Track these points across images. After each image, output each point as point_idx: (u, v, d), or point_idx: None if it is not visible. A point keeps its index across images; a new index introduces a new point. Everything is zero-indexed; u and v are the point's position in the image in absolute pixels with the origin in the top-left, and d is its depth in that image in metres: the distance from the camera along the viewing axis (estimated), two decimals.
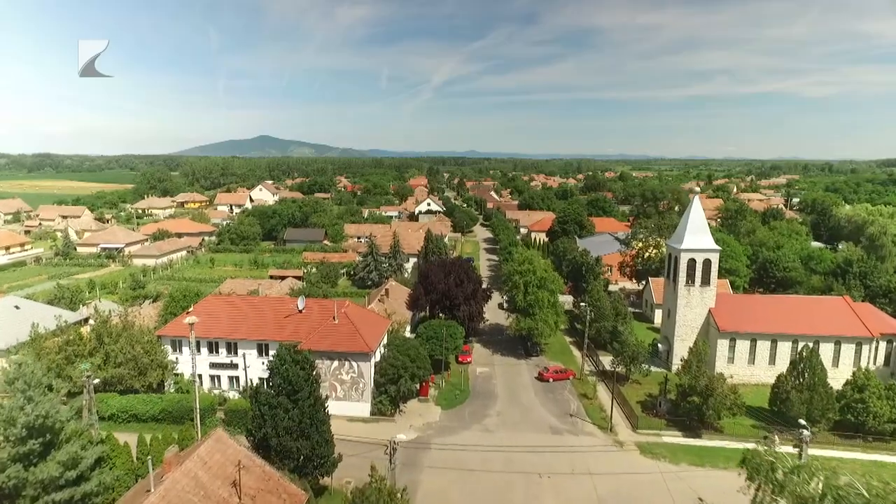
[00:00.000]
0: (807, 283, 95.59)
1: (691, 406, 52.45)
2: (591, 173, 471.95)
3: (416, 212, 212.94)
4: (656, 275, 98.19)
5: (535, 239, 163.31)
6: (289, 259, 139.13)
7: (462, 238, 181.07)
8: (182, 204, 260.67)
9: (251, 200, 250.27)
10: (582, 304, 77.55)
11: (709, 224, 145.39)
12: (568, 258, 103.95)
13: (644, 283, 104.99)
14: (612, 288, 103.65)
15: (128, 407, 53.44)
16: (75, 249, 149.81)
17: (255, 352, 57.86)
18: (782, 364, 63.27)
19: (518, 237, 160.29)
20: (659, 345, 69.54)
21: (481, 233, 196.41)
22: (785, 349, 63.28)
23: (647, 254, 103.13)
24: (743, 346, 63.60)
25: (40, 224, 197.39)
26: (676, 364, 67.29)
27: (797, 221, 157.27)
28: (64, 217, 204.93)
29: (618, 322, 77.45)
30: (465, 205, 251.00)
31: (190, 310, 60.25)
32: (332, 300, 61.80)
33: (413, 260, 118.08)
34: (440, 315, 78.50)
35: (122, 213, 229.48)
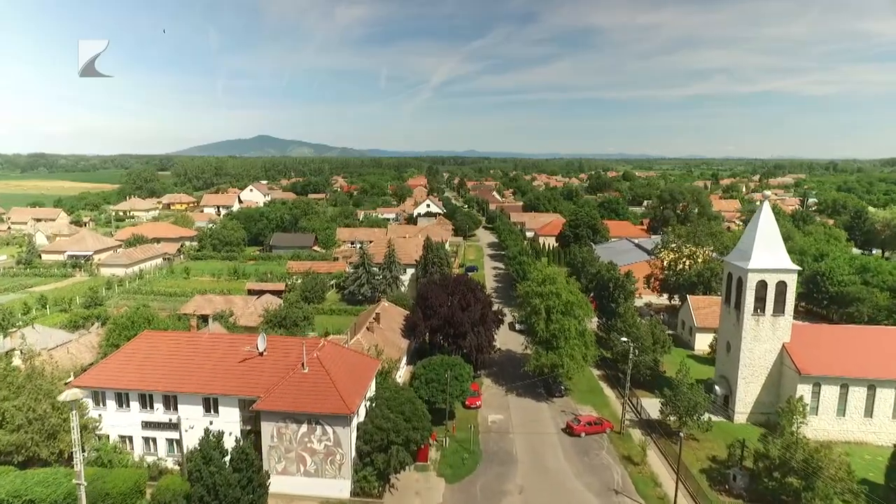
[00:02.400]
0: (869, 301, 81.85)
1: (785, 488, 38.72)
2: (594, 173, 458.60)
3: (415, 214, 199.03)
4: (692, 291, 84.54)
5: (543, 244, 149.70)
6: (273, 268, 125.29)
7: (464, 243, 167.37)
8: (168, 205, 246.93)
9: (240, 202, 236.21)
10: (618, 334, 63.85)
11: (733, 229, 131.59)
12: (589, 270, 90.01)
13: (677, 299, 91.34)
14: (636, 303, 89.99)
15: (22, 490, 39.48)
16: (40, 257, 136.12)
17: (199, 408, 44.06)
18: (883, 417, 49.77)
19: (525, 241, 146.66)
20: (716, 387, 55.74)
21: (484, 237, 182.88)
22: (887, 398, 49.51)
23: (679, 265, 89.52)
24: (830, 393, 49.82)
25: (9, 228, 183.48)
26: (740, 412, 53.76)
27: (833, 226, 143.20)
28: (38, 220, 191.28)
29: (656, 352, 63.96)
30: (466, 206, 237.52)
31: (67, 382, 46.30)
32: (302, 339, 47.79)
33: (410, 271, 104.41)
34: (441, 342, 64.87)
35: (101, 216, 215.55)
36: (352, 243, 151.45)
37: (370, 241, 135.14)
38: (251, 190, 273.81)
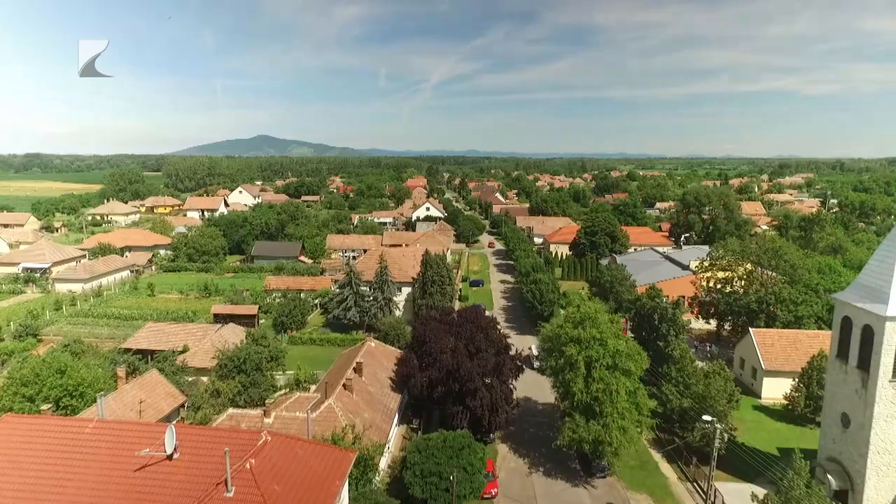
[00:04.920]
0: None
1: None
2: (597, 172, 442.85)
3: (414, 218, 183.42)
4: (750, 319, 68.89)
5: (555, 253, 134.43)
6: (253, 283, 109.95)
7: (467, 251, 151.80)
8: (151, 209, 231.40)
9: (226, 205, 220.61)
10: (673, 387, 48.43)
11: (766, 236, 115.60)
12: (620, 293, 74.33)
13: (727, 327, 75.94)
14: None
15: None
16: None
17: None
18: None
19: (533, 248, 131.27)
20: (829, 476, 40.21)
21: (488, 242, 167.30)
22: None
23: (731, 287, 73.92)
24: None
25: None
26: None
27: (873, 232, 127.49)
28: (5, 226, 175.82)
29: (727, 413, 48.42)
30: (468, 208, 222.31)
31: None
32: (232, 433, 31.73)
33: (406, 290, 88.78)
34: (443, 395, 49.35)
35: (76, 221, 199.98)
36: (343, 252, 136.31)
37: (364, 251, 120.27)
38: (240, 192, 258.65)
